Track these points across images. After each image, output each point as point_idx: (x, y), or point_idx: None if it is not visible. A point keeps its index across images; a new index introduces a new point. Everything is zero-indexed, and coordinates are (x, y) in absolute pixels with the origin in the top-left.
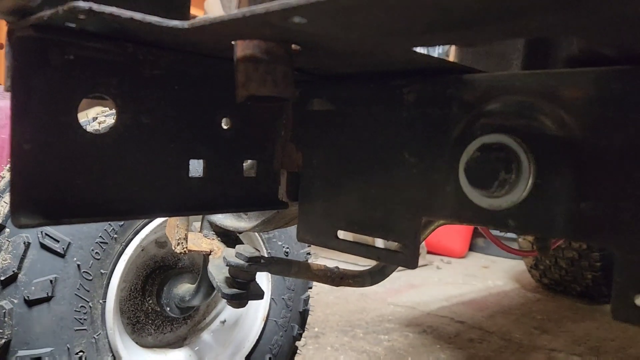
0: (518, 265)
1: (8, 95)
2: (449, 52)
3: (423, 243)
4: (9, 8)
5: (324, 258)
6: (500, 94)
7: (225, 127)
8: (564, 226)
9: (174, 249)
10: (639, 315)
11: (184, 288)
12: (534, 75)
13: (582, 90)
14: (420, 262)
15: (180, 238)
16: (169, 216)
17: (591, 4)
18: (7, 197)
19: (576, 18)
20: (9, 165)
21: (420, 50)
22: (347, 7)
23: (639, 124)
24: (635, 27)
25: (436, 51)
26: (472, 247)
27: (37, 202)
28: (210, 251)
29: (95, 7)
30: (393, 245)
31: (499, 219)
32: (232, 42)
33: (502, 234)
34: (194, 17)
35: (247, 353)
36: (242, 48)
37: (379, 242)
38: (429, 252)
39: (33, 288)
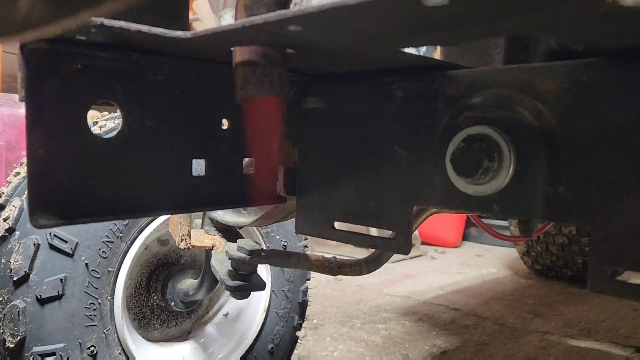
0: (511, 253)
1: (3, 102)
2: (435, 48)
3: (417, 234)
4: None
5: (319, 252)
6: (482, 88)
7: (224, 127)
8: (543, 208)
9: (177, 245)
10: (612, 286)
11: (187, 283)
12: (512, 70)
13: (556, 83)
14: (415, 252)
15: (183, 234)
16: (174, 213)
17: (552, 7)
18: (15, 201)
19: (543, 19)
20: (15, 170)
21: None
22: (338, 15)
23: (604, 113)
24: (595, 25)
25: (422, 48)
26: (465, 237)
27: (53, 204)
28: (213, 246)
29: (107, 21)
30: (387, 233)
31: (484, 204)
32: (231, 48)
33: (495, 222)
34: None
35: (250, 343)
36: (240, 53)
37: (373, 232)
38: (423, 243)
39: (44, 287)
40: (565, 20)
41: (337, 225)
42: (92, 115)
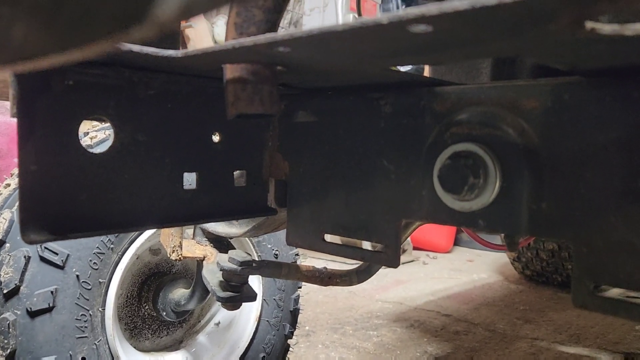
0: (502, 258)
1: None
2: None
3: (409, 239)
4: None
5: (312, 258)
6: (468, 105)
7: (215, 140)
8: (527, 224)
9: (169, 256)
10: (594, 301)
11: (179, 293)
12: (497, 88)
13: (539, 101)
14: (407, 258)
15: (175, 245)
16: (166, 227)
17: (532, 32)
18: (5, 213)
19: (524, 43)
20: (5, 182)
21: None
22: (325, 40)
23: (585, 131)
24: (575, 48)
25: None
26: (457, 242)
27: (44, 219)
28: (204, 257)
29: None
30: (377, 246)
31: (470, 219)
32: (222, 66)
33: None
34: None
35: (241, 353)
36: (231, 71)
37: (366, 245)
38: (415, 248)
39: (35, 299)
40: (546, 44)
41: (328, 237)
42: (86, 125)
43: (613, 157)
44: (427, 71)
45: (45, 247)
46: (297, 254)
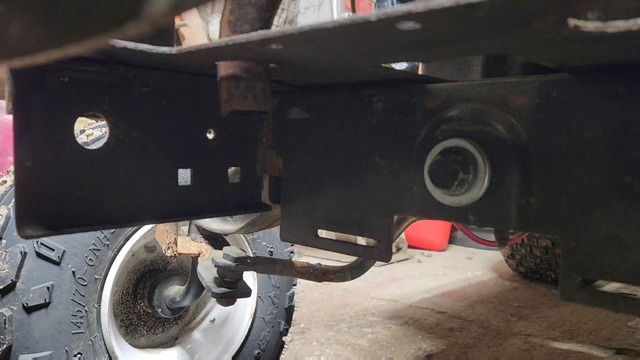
0: (496, 256)
1: None
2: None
3: (404, 237)
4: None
5: (307, 256)
6: (458, 101)
7: (210, 137)
8: (516, 219)
9: (164, 252)
10: (581, 294)
11: (174, 290)
12: (486, 85)
13: (527, 98)
14: (402, 256)
15: (170, 242)
16: (160, 222)
17: (518, 31)
18: (2, 210)
19: (511, 41)
20: (1, 179)
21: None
22: (316, 37)
23: (572, 127)
24: (561, 46)
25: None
26: (451, 241)
27: (40, 215)
28: (199, 253)
29: None
30: (370, 241)
31: (460, 214)
32: (216, 63)
33: None
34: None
35: (236, 349)
36: (224, 68)
37: (360, 240)
38: (409, 247)
39: (31, 295)
40: (533, 41)
41: (322, 233)
42: (78, 120)
43: (600, 153)
44: (421, 68)
45: (42, 243)
46: (292, 252)
